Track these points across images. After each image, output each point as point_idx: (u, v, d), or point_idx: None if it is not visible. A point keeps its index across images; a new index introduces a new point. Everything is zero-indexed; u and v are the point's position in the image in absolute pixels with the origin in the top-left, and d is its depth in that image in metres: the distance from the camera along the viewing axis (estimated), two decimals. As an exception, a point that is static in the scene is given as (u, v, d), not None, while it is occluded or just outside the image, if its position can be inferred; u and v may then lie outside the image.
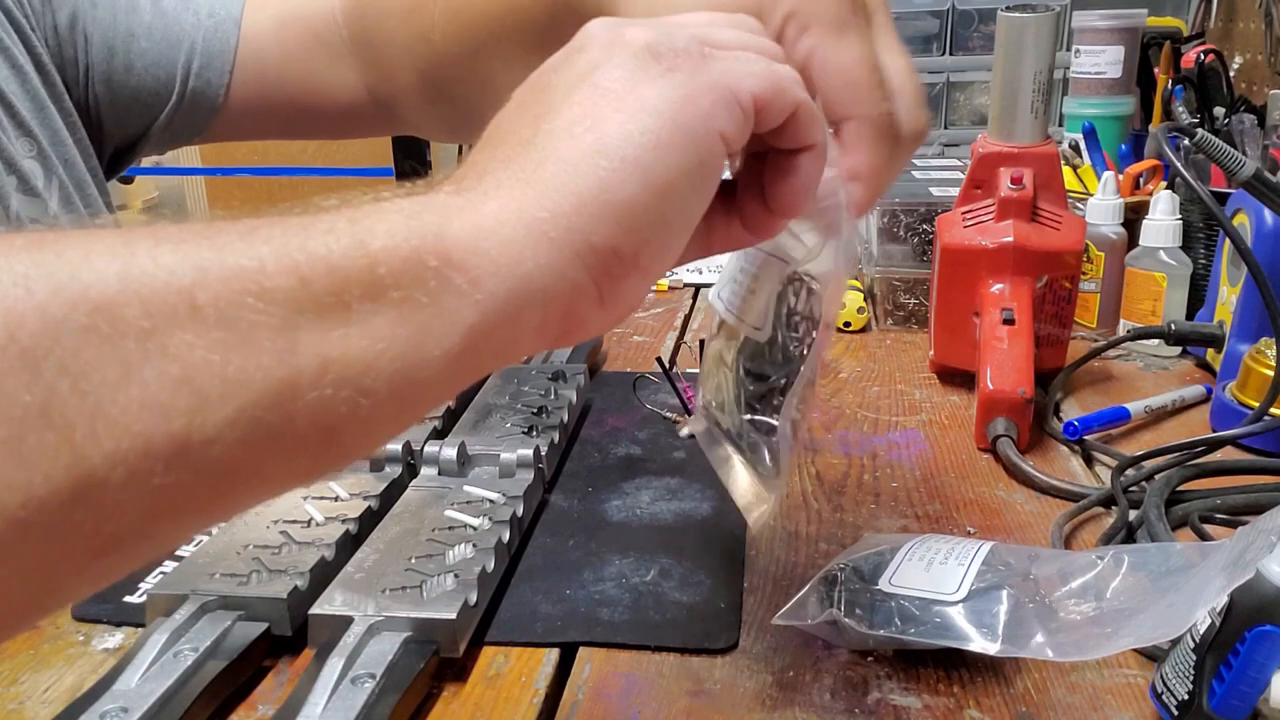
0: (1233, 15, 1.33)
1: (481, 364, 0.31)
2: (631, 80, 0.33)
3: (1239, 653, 0.36)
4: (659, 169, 0.32)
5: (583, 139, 0.32)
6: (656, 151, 0.32)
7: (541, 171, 0.32)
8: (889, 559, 0.47)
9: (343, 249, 0.28)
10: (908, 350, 0.86)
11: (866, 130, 0.40)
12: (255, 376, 0.25)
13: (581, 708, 0.43)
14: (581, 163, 0.31)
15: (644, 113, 0.32)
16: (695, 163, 0.33)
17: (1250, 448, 0.65)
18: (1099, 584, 0.42)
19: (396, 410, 0.29)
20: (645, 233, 0.32)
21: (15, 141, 0.62)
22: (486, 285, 0.29)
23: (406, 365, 0.28)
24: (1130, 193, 0.94)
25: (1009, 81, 0.71)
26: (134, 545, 0.26)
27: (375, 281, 0.28)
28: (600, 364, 0.84)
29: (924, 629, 0.42)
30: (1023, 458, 0.63)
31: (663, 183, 0.32)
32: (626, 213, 0.31)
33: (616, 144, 0.32)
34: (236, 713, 0.43)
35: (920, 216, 0.90)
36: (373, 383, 0.27)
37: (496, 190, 0.31)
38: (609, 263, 0.32)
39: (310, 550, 0.50)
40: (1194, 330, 0.77)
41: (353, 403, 0.27)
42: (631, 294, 0.34)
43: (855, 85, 0.40)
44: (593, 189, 0.31)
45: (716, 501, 0.59)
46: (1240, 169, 0.62)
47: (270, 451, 0.26)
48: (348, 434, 0.28)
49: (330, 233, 0.28)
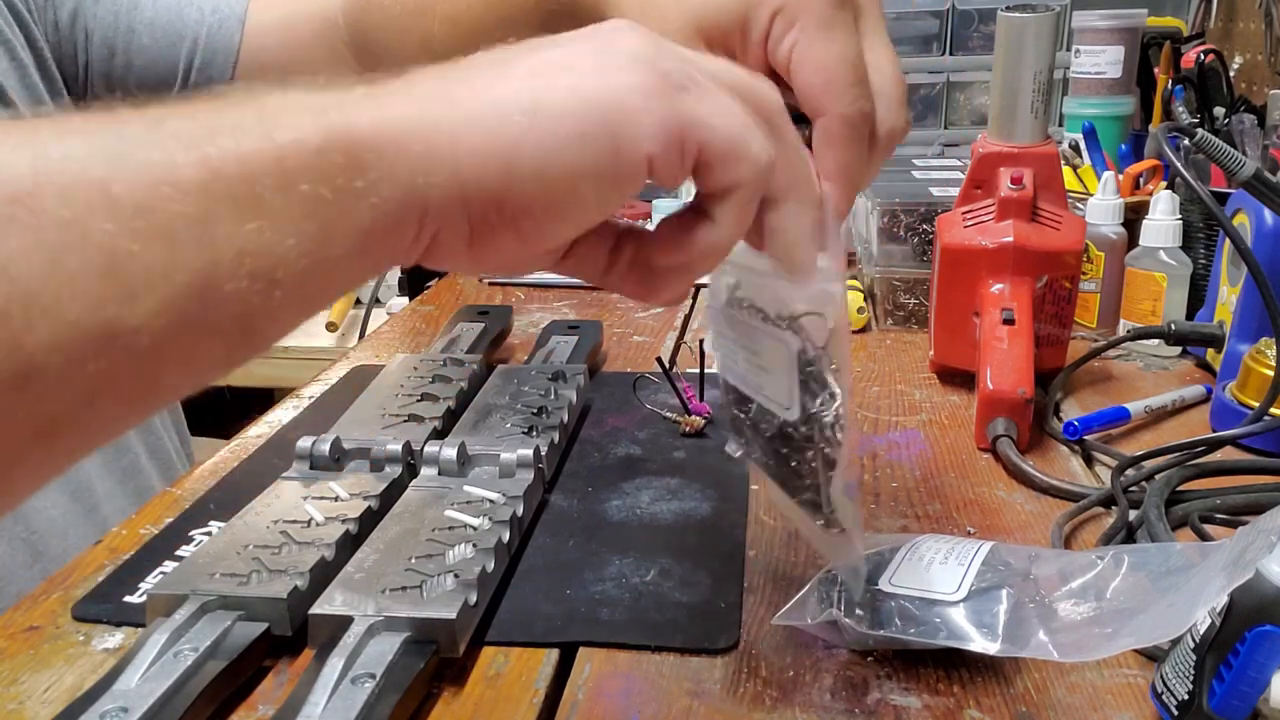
0: (1233, 15, 1.33)
1: (368, 267, 0.32)
2: (599, 68, 0.33)
3: (1239, 653, 0.36)
4: (569, 154, 0.32)
5: (518, 89, 0.32)
6: (578, 138, 0.32)
7: (464, 97, 0.32)
8: (889, 559, 0.47)
9: (252, 141, 0.28)
10: (908, 350, 0.86)
11: (838, 127, 0.40)
12: (177, 266, 0.27)
13: (581, 708, 0.43)
14: (504, 108, 0.32)
15: (588, 97, 0.32)
16: (609, 169, 0.32)
17: (1250, 448, 0.65)
18: (1099, 584, 0.42)
19: (304, 303, 0.30)
20: (531, 203, 0.32)
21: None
22: (382, 190, 0.30)
23: (313, 261, 0.29)
24: (1130, 193, 0.94)
25: (1009, 81, 0.71)
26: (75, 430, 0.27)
27: (284, 174, 0.28)
28: (600, 364, 0.84)
29: (924, 629, 0.42)
30: (1023, 458, 0.63)
31: (567, 168, 0.32)
32: (521, 176, 0.32)
33: (546, 110, 0.32)
34: (236, 713, 0.43)
35: (920, 216, 0.90)
36: (284, 275, 0.29)
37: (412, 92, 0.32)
38: (487, 210, 0.32)
39: (310, 550, 0.50)
40: (1194, 330, 0.77)
41: (266, 294, 0.28)
42: (502, 251, 0.34)
43: (832, 82, 0.40)
44: (501, 138, 0.31)
45: (716, 501, 0.59)
46: (1240, 169, 0.62)
47: (193, 339, 0.28)
48: (261, 324, 0.29)
49: (238, 128, 0.28)
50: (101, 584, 0.52)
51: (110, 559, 0.55)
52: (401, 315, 1.02)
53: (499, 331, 0.85)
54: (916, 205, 0.90)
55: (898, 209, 0.91)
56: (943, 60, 1.44)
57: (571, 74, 0.33)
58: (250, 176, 0.28)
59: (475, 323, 0.84)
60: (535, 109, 0.32)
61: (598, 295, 1.06)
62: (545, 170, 0.32)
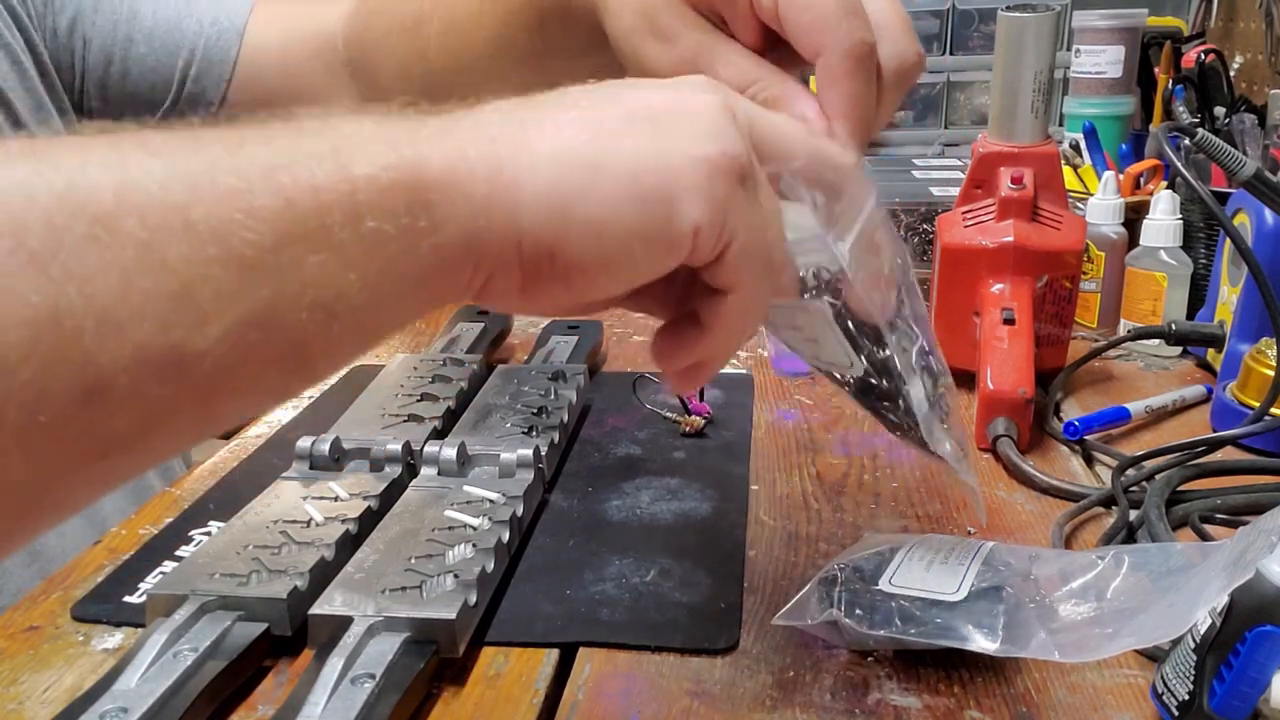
0: (1233, 15, 1.33)
1: (423, 304, 0.32)
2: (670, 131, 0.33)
3: (1239, 653, 0.36)
4: (626, 215, 0.32)
5: (585, 141, 0.32)
6: (636, 201, 0.32)
7: (533, 141, 0.32)
8: (889, 559, 0.47)
9: (326, 173, 0.28)
10: (908, 350, 0.86)
11: (838, 62, 0.38)
12: (245, 294, 0.27)
13: (581, 708, 0.43)
14: (569, 159, 0.32)
15: (656, 162, 0.32)
16: (661, 235, 0.32)
17: (1250, 448, 0.65)
18: (1099, 584, 0.42)
19: (359, 337, 0.31)
20: (583, 257, 0.32)
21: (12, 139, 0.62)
22: (444, 230, 0.30)
23: (372, 296, 0.29)
24: (1130, 192, 0.94)
25: (1009, 81, 0.71)
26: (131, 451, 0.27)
27: (354, 208, 0.29)
28: (600, 364, 0.84)
29: (924, 629, 0.42)
30: (1023, 458, 0.63)
31: (623, 229, 0.32)
32: (575, 231, 0.32)
33: (609, 168, 0.32)
34: (236, 713, 0.43)
35: (920, 216, 0.90)
36: (343, 308, 0.29)
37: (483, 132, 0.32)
38: (539, 260, 0.32)
39: (310, 550, 0.50)
40: (1194, 330, 0.77)
41: (324, 326, 0.29)
42: (551, 297, 0.34)
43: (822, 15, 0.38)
44: (562, 190, 0.32)
45: (716, 501, 0.59)
46: (1241, 169, 0.61)
47: (252, 367, 0.28)
48: (317, 355, 0.30)
49: (313, 157, 0.29)
50: (101, 584, 0.52)
51: (110, 559, 0.55)
52: (401, 315, 1.02)
53: (499, 331, 0.84)
54: (916, 205, 0.90)
55: (898, 209, 0.91)
56: (943, 60, 1.44)
57: (640, 132, 0.33)
58: (322, 209, 0.28)
59: (475, 323, 0.84)
60: (599, 165, 0.32)
61: (598, 295, 1.05)
62: (601, 228, 0.32)
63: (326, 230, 0.28)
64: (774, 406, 0.74)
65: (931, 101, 1.45)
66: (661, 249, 0.33)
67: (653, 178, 0.32)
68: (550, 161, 0.32)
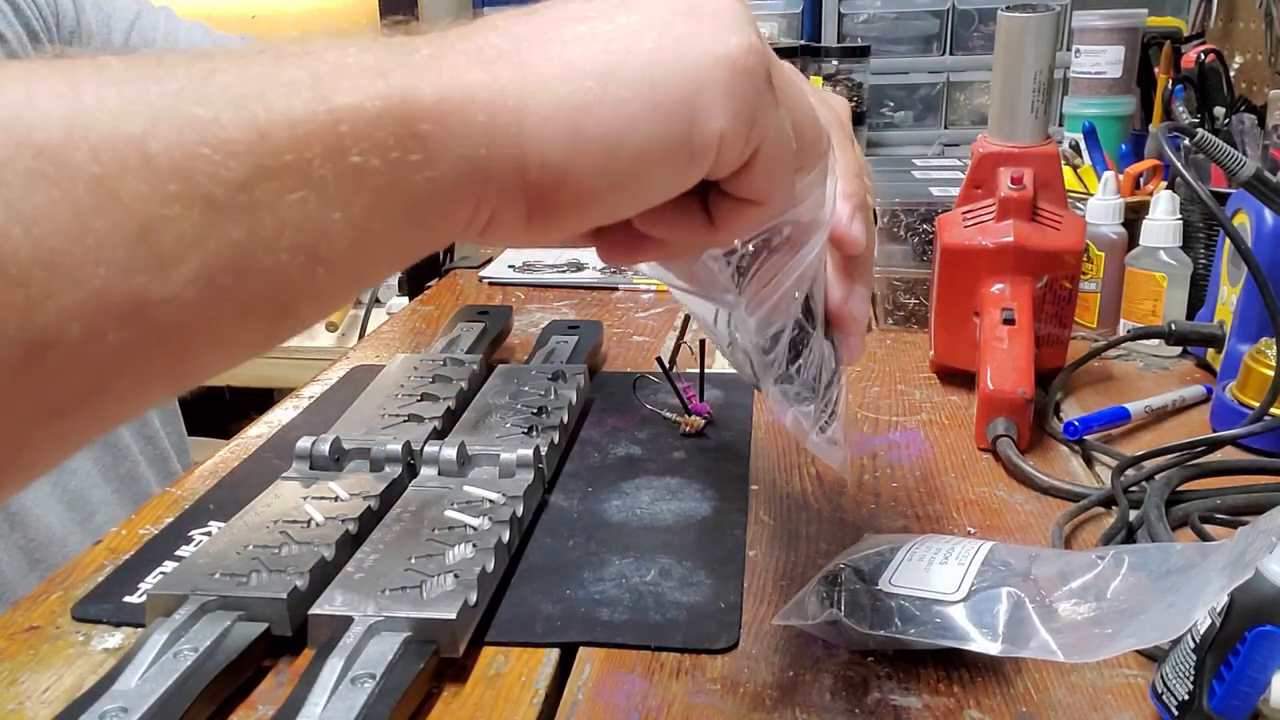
0: (1233, 15, 1.33)
1: (419, 245, 0.30)
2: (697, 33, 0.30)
3: (1239, 653, 0.36)
4: (642, 128, 0.29)
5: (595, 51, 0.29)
6: (652, 110, 0.29)
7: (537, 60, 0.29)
8: (889, 559, 0.47)
9: (304, 102, 0.26)
10: (908, 350, 0.86)
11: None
12: (213, 235, 0.24)
13: (581, 708, 0.43)
14: (577, 71, 0.29)
15: (669, 64, 0.29)
16: (681, 148, 0.30)
17: (1250, 448, 0.65)
18: (1099, 584, 0.42)
19: (348, 281, 0.28)
20: (597, 178, 0.30)
21: None
22: (439, 164, 0.28)
23: (360, 236, 0.27)
24: (1130, 193, 0.94)
25: (1009, 81, 0.71)
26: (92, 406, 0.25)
27: (336, 141, 0.26)
28: (600, 364, 0.84)
29: (924, 629, 0.42)
30: (1023, 458, 0.63)
31: (638, 145, 0.29)
32: (587, 150, 0.29)
33: (621, 76, 0.29)
34: (236, 713, 0.43)
35: (920, 216, 0.90)
36: (328, 251, 0.27)
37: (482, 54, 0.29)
38: (550, 186, 0.30)
39: (310, 550, 0.50)
40: (1194, 330, 0.77)
41: (307, 270, 0.26)
42: (559, 226, 0.31)
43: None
44: (570, 105, 0.29)
45: (716, 501, 0.59)
46: (1240, 169, 0.61)
47: (225, 315, 0.26)
48: (300, 302, 0.27)
49: (291, 86, 0.26)
50: (101, 584, 0.52)
51: (110, 559, 0.55)
52: (401, 315, 1.02)
53: (499, 331, 0.85)
54: (916, 205, 0.90)
55: (898, 209, 0.91)
56: (943, 60, 1.44)
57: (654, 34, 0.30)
58: (300, 142, 0.25)
59: (475, 323, 0.84)
60: (610, 75, 0.29)
61: (598, 295, 1.06)
62: (614, 146, 0.29)
63: (305, 165, 0.26)
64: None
65: (931, 101, 1.45)
66: (681, 162, 0.30)
67: (672, 83, 0.29)
68: (557, 80, 0.29)
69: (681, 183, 0.31)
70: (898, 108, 1.46)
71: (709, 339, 0.44)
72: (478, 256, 1.25)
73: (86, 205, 0.23)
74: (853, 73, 1.32)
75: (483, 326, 0.83)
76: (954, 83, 1.43)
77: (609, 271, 1.12)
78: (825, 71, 1.32)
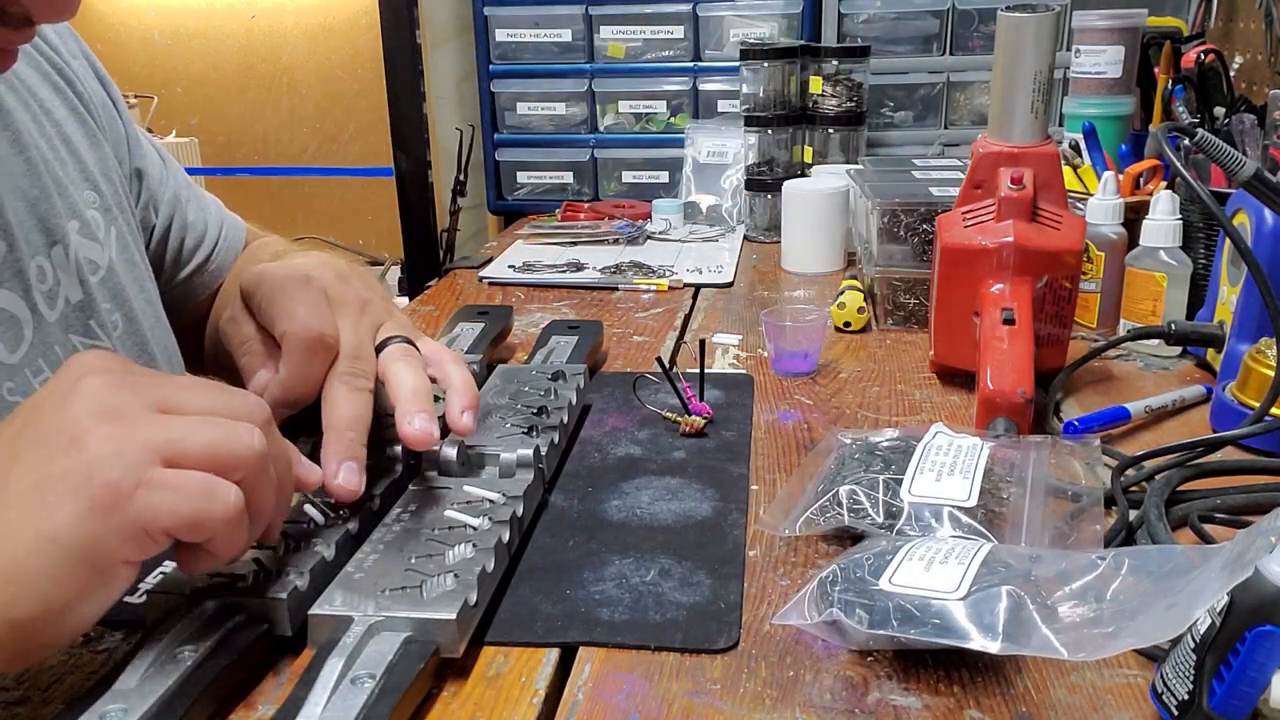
0: (1233, 15, 1.33)
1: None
2: (56, 501, 0.37)
3: (1239, 652, 0.36)
4: (58, 595, 0.37)
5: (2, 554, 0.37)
6: (57, 583, 0.37)
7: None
8: (889, 559, 0.47)
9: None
10: (908, 350, 0.86)
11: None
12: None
13: (581, 708, 0.43)
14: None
15: (52, 546, 0.36)
16: (99, 586, 0.38)
17: (1250, 448, 0.65)
18: (1099, 586, 0.42)
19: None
20: (37, 638, 0.37)
21: (81, 191, 0.64)
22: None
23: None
24: (1130, 193, 0.94)
25: (1009, 81, 0.71)
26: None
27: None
28: (600, 364, 0.84)
29: (924, 629, 0.42)
30: (1023, 458, 0.63)
31: (60, 604, 0.37)
32: (19, 629, 0.37)
33: (22, 574, 0.36)
34: (236, 713, 0.43)
35: (920, 216, 0.90)
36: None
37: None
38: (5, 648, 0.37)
39: (310, 550, 0.50)
40: (1194, 330, 0.77)
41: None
42: (33, 660, 0.40)
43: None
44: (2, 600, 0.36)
45: (716, 501, 0.59)
46: (1240, 169, 0.62)
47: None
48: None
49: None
50: (101, 584, 0.52)
51: (110, 559, 0.55)
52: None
53: (499, 331, 0.85)
54: (916, 205, 0.90)
55: (898, 209, 0.91)
56: (943, 60, 1.44)
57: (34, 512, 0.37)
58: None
59: (475, 323, 0.84)
60: (11, 576, 0.36)
61: (598, 295, 1.06)
62: (41, 613, 0.37)
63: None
64: (774, 406, 0.74)
65: (931, 101, 1.45)
66: (105, 595, 0.38)
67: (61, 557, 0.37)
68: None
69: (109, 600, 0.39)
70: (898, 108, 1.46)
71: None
72: (478, 256, 1.25)
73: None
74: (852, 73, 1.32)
75: (483, 326, 0.83)
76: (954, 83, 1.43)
77: (609, 271, 1.12)
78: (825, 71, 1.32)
